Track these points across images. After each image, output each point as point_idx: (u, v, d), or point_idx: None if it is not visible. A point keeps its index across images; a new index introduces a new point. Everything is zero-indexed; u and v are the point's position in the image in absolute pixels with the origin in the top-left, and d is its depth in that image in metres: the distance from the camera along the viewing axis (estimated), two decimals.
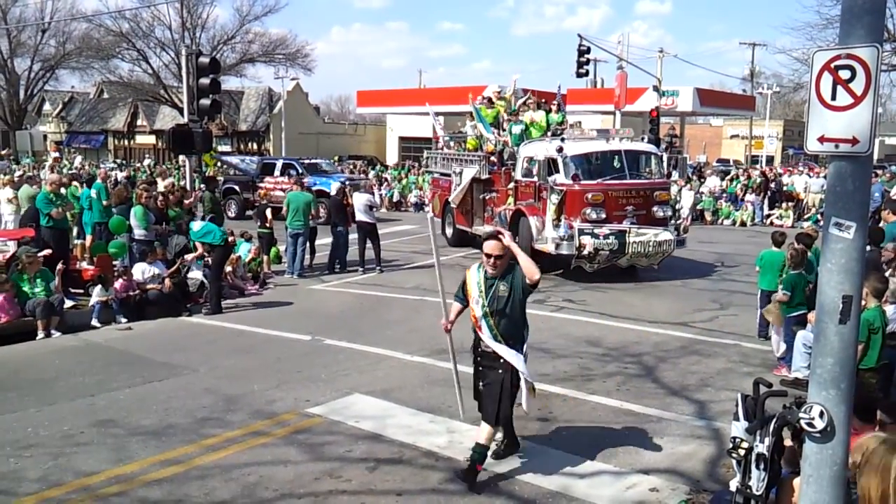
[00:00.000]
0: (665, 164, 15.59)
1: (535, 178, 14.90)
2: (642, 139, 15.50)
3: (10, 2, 47.99)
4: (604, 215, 14.01)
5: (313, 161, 28.74)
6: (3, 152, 42.17)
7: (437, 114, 25.50)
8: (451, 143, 19.96)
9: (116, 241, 13.21)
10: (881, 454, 2.92)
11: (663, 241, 13.99)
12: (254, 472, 5.90)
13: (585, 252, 13.70)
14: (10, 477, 5.89)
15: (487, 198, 17.14)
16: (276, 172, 25.76)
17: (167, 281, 11.94)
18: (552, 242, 14.13)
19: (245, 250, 14.86)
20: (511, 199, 15.88)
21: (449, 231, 19.01)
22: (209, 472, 5.93)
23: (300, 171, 24.66)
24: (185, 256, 12.78)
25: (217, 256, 12.20)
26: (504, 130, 17.18)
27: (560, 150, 14.43)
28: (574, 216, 14.03)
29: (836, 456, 3.70)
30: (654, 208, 14.41)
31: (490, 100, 17.92)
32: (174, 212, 14.06)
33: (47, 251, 11.82)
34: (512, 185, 15.90)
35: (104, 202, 14.10)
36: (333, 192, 16.67)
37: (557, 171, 14.35)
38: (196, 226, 12.37)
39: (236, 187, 26.76)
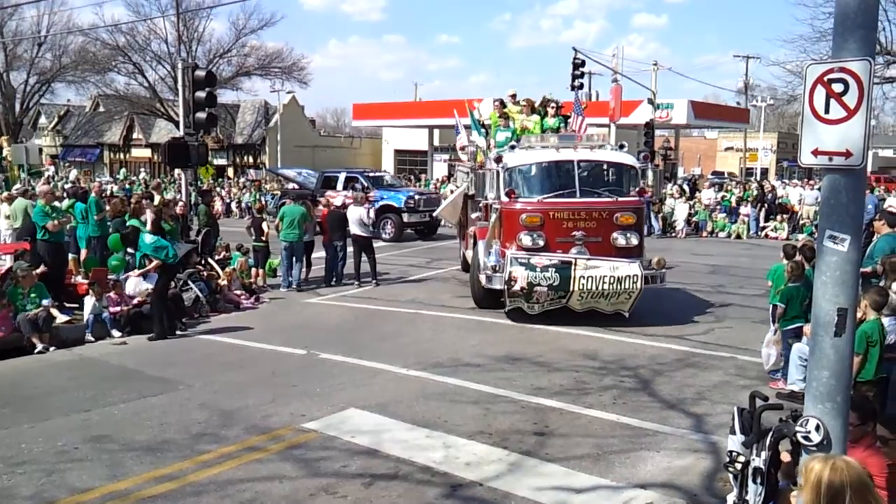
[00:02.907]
0: (638, 178, 12.56)
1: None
2: (621, 147, 13.01)
3: (7, 15, 48.07)
4: (542, 242, 11.52)
5: (378, 174, 27.55)
6: None
7: (434, 127, 25.35)
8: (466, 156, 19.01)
9: (117, 255, 13.22)
10: (817, 470, 3.00)
11: (624, 276, 11.07)
12: (249, 489, 5.87)
13: (517, 287, 11.15)
14: (3, 494, 5.84)
15: (472, 217, 14.49)
16: (339, 186, 24.37)
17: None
18: (484, 273, 11.99)
19: (236, 265, 14.81)
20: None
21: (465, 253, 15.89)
22: (204, 488, 5.89)
23: (366, 184, 24.03)
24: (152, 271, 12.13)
25: (166, 275, 11.47)
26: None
27: (498, 159, 12.29)
28: (510, 241, 11.74)
29: None
30: (615, 235, 11.60)
31: (502, 102, 14.94)
32: (169, 225, 14.03)
33: (43, 268, 11.77)
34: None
35: (96, 216, 14.07)
36: (336, 205, 16.62)
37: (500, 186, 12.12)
38: (148, 238, 11.39)
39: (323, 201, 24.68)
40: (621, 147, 13.05)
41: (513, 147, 12.48)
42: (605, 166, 12.50)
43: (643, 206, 12.59)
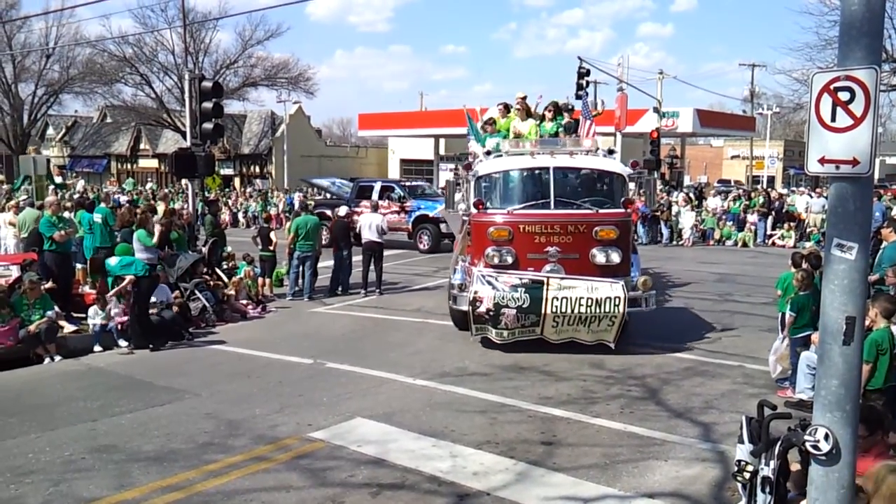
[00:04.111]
0: (627, 188, 11.15)
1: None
2: (610, 153, 11.84)
3: (16, 28, 48.41)
4: (510, 259, 10.40)
5: (415, 183, 26.96)
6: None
7: (439, 136, 25.16)
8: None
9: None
10: (891, 483, 2.93)
11: (604, 298, 9.85)
12: (256, 498, 5.86)
13: (483, 309, 10.07)
14: (11, 503, 5.85)
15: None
16: (374, 195, 23.17)
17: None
18: (450, 293, 11.06)
19: (242, 274, 14.83)
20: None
21: None
22: (211, 498, 5.88)
23: (403, 194, 23.68)
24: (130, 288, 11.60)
25: (143, 287, 11.19)
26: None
27: (468, 167, 11.66)
28: (479, 258, 10.67)
29: (843, 479, 3.68)
30: (594, 251, 10.28)
31: (507, 107, 13.54)
32: (176, 234, 14.08)
33: (51, 284, 11.81)
34: None
35: (111, 226, 14.10)
36: (342, 214, 16.64)
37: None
38: (112, 261, 11.33)
39: (328, 212, 21.70)
40: (610, 153, 11.83)
41: (489, 153, 11.55)
42: (588, 175, 11.28)
43: (628, 218, 10.98)
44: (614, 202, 10.80)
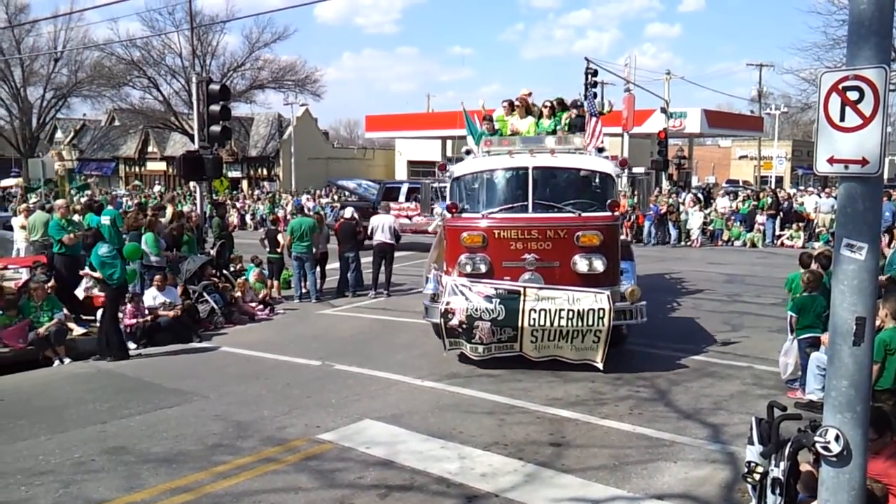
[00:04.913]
0: (614, 189, 10.22)
1: None
2: (600, 151, 10.94)
3: (24, 32, 48.67)
4: (484, 267, 9.64)
5: (442, 185, 26.88)
6: (13, 183, 42.44)
7: (446, 137, 24.98)
8: None
9: (128, 267, 13.23)
10: None
11: (587, 311, 9.00)
12: (265, 500, 5.87)
13: (455, 321, 9.33)
14: None
15: None
16: (401, 198, 23.15)
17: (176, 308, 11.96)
18: (423, 303, 10.30)
19: (251, 277, 14.85)
20: None
21: None
22: (220, 499, 5.89)
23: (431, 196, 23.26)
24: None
25: (109, 295, 10.81)
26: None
27: (443, 167, 11.11)
28: (452, 266, 9.94)
29: (854, 480, 3.66)
30: (576, 258, 9.46)
31: (511, 104, 12.35)
32: (187, 236, 14.13)
33: (52, 282, 11.84)
34: None
35: (120, 228, 14.15)
36: (347, 217, 16.63)
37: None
38: (102, 249, 10.69)
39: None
40: (600, 151, 10.94)
41: (468, 152, 10.94)
42: (571, 175, 10.46)
43: (615, 223, 10.01)
44: (601, 204, 9.91)
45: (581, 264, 9.46)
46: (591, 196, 10.18)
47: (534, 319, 9.08)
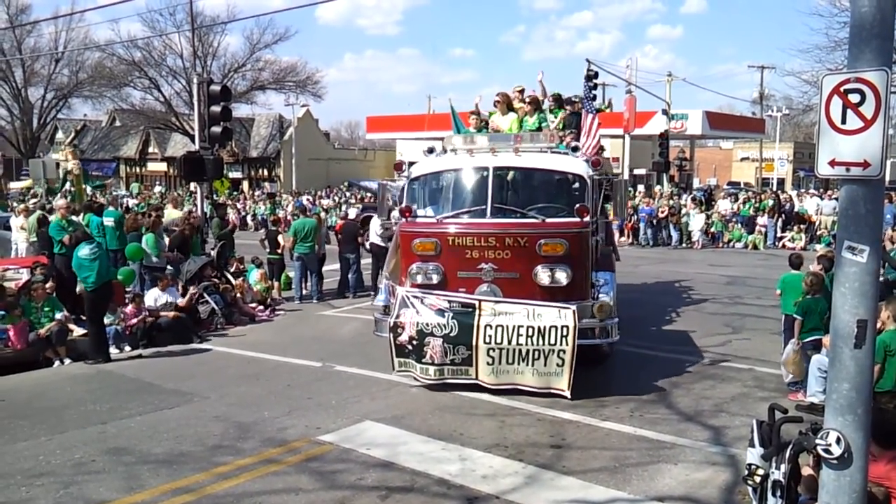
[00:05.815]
0: (590, 192, 9.22)
1: None
2: (574, 150, 10.08)
3: (25, 32, 48.77)
4: (436, 277, 8.85)
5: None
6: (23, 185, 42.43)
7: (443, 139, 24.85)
8: None
9: (125, 268, 13.26)
10: None
11: (548, 328, 8.15)
12: (266, 501, 5.86)
13: (405, 337, 8.60)
14: None
15: None
16: None
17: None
18: (373, 316, 9.56)
19: (254, 278, 14.86)
20: None
21: None
22: (221, 500, 5.89)
23: None
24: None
25: (89, 298, 10.63)
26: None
27: (398, 166, 10.51)
28: (404, 275, 9.19)
29: (855, 483, 3.66)
30: (538, 269, 8.59)
31: (507, 101, 11.39)
32: (194, 238, 14.16)
33: (51, 283, 11.85)
34: None
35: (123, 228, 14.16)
36: (351, 217, 16.63)
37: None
38: (83, 252, 10.46)
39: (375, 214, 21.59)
40: (574, 150, 10.08)
41: (431, 150, 10.08)
42: (538, 176, 9.59)
43: (583, 230, 8.85)
44: (571, 210, 8.91)
45: (543, 276, 8.57)
46: (559, 200, 9.28)
47: (490, 337, 8.25)
